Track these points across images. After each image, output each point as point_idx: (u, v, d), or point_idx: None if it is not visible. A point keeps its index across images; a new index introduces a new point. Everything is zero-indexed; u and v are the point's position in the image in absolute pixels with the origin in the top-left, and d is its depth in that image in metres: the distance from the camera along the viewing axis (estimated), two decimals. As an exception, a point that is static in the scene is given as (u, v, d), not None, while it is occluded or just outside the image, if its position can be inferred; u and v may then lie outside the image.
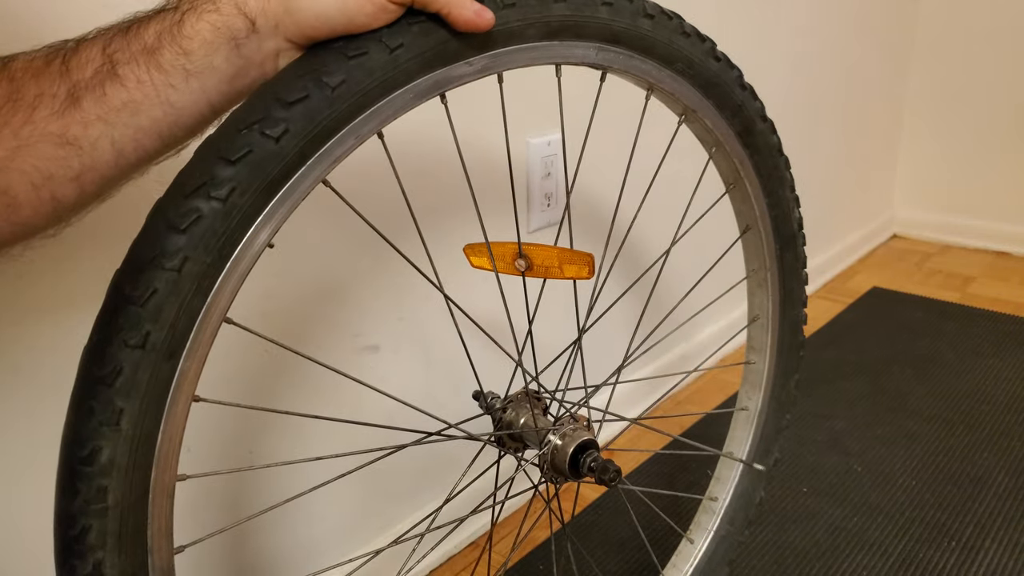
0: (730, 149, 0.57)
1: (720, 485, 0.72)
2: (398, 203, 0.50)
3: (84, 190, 0.34)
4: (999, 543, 0.87)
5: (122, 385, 0.32)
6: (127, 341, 0.32)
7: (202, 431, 0.66)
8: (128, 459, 0.33)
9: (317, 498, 0.76)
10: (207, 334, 0.34)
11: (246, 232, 0.33)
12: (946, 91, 1.83)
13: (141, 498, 0.35)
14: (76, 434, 0.33)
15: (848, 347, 1.37)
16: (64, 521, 0.34)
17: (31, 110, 0.32)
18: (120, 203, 0.40)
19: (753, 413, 0.71)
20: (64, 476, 0.33)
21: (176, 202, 0.32)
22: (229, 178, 0.32)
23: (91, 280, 0.54)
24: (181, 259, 0.32)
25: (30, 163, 0.32)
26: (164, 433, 0.35)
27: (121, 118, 0.33)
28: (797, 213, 0.65)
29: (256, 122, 0.33)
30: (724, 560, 0.73)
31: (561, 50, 0.44)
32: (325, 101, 0.34)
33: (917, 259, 1.83)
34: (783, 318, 0.68)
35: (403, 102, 0.38)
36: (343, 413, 0.76)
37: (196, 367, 0.35)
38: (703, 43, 0.52)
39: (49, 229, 0.36)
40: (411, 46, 0.37)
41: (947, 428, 1.11)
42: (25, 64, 0.33)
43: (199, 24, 0.34)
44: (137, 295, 0.32)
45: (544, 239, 0.96)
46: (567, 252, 0.53)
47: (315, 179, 0.36)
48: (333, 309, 0.75)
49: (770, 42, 1.31)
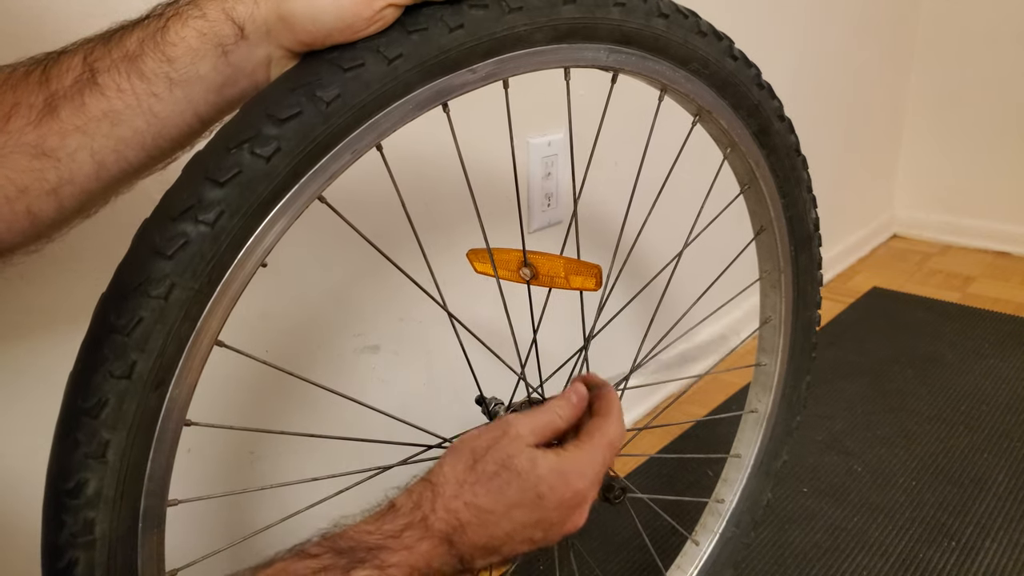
0: (746, 150, 0.54)
1: (727, 487, 0.70)
2: (399, 208, 0.48)
3: (63, 204, 0.32)
4: (999, 543, 0.86)
5: (108, 417, 0.30)
6: (112, 372, 0.29)
7: (204, 431, 0.64)
8: (115, 490, 0.31)
9: (316, 511, 0.74)
10: (197, 360, 0.32)
11: (236, 255, 0.31)
12: (946, 91, 1.80)
13: (130, 528, 0.33)
14: (61, 466, 0.31)
15: (848, 347, 1.35)
16: (51, 553, 0.32)
17: (5, 120, 0.30)
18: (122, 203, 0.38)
19: (763, 415, 0.68)
20: (50, 508, 0.31)
21: (162, 226, 0.30)
22: (217, 200, 0.29)
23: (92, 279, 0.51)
24: (168, 286, 0.29)
25: (3, 175, 0.30)
26: (154, 462, 0.32)
27: (101, 128, 0.31)
28: (814, 214, 0.62)
29: (246, 140, 0.30)
30: (729, 562, 0.71)
31: (570, 53, 0.41)
32: (319, 117, 0.31)
33: (917, 259, 1.80)
34: (796, 320, 0.65)
35: (403, 114, 0.35)
36: (345, 419, 0.74)
37: (186, 393, 0.32)
38: (720, 41, 0.48)
39: (29, 245, 0.33)
40: (411, 56, 0.34)
41: (947, 428, 1.09)
42: (4, 76, 0.31)
43: (184, 31, 0.31)
44: (122, 324, 0.29)
45: (545, 239, 0.93)
46: (574, 262, 0.51)
47: (310, 196, 0.33)
48: (334, 309, 0.73)
49: (770, 42, 1.28)
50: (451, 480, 0.37)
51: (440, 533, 0.36)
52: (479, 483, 0.37)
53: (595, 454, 0.40)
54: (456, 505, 0.36)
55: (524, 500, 0.37)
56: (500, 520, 0.37)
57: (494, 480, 0.37)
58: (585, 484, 0.39)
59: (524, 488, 0.37)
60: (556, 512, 0.38)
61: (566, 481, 0.38)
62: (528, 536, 0.38)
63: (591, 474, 0.39)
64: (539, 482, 0.37)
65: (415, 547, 0.35)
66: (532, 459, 0.38)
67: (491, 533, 0.37)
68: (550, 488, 0.37)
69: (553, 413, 0.41)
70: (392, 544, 0.35)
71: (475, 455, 0.38)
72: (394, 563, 0.34)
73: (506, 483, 0.37)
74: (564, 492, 0.38)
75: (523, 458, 0.37)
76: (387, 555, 0.34)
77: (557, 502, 0.38)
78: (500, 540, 0.37)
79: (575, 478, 0.38)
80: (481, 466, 0.37)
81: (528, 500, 0.37)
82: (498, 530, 0.37)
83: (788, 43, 1.32)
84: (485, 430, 0.39)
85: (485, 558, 0.38)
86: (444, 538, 0.36)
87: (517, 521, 0.37)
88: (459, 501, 0.37)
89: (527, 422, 0.39)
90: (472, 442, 0.38)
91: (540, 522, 0.38)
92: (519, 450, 0.38)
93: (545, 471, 0.38)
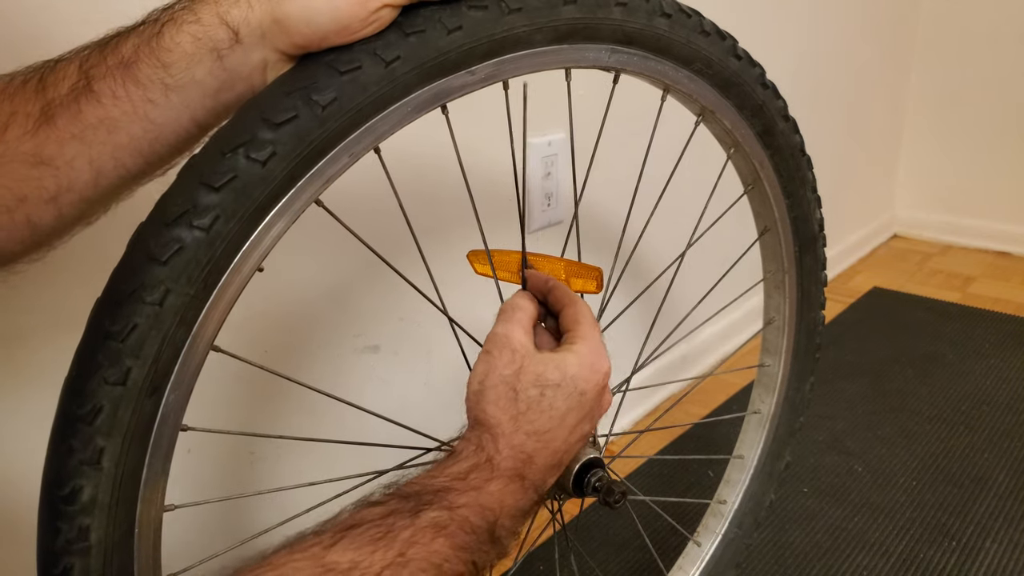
0: (750, 150, 0.54)
1: (730, 488, 0.70)
2: (398, 209, 0.47)
3: (62, 212, 0.31)
4: (1000, 543, 0.85)
5: (103, 423, 0.29)
6: (107, 379, 0.29)
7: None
8: (111, 497, 0.31)
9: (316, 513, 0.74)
10: (193, 365, 0.31)
11: (232, 260, 0.30)
12: (947, 91, 1.79)
13: (126, 534, 0.32)
14: (56, 473, 0.30)
15: (849, 347, 1.34)
16: (46, 559, 0.32)
17: (3, 130, 0.30)
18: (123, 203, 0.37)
19: (766, 416, 0.68)
20: (45, 514, 0.31)
21: (157, 231, 0.29)
22: (213, 205, 0.29)
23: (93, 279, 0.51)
24: (163, 292, 0.29)
25: (2, 184, 0.30)
26: (150, 467, 0.32)
27: (98, 136, 0.30)
28: (818, 214, 0.61)
29: (241, 145, 0.29)
30: (731, 563, 0.71)
31: (572, 54, 0.40)
32: (315, 120, 0.31)
33: (918, 259, 1.79)
34: (800, 321, 0.64)
35: (401, 116, 0.34)
36: (345, 421, 0.74)
37: (182, 398, 0.32)
38: (724, 41, 0.48)
39: (31, 253, 0.33)
40: (409, 58, 0.33)
41: (948, 428, 1.08)
42: (2, 85, 0.31)
43: (179, 36, 0.30)
44: (117, 330, 0.29)
45: (545, 239, 0.92)
46: (574, 265, 0.50)
47: (307, 200, 0.32)
48: (333, 309, 0.72)
49: (771, 43, 1.27)
50: (504, 419, 0.38)
51: (509, 471, 0.37)
52: (531, 410, 0.38)
53: (594, 333, 0.42)
54: (519, 440, 0.37)
55: (572, 404, 0.39)
56: (559, 432, 0.39)
57: (542, 402, 0.38)
58: (606, 361, 0.41)
59: (569, 394, 0.39)
60: (596, 399, 0.41)
61: (593, 367, 0.40)
62: (581, 433, 0.41)
63: (602, 350, 0.42)
64: (576, 381, 0.39)
65: (484, 487, 0.36)
66: (559, 365, 0.39)
67: (555, 448, 0.39)
68: (585, 381, 0.40)
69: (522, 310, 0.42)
70: (459, 486, 0.35)
71: (512, 386, 0.38)
72: (463, 504, 0.35)
73: (553, 399, 0.38)
74: (597, 378, 0.40)
75: (551, 368, 0.39)
76: (455, 496, 0.35)
77: (595, 390, 0.40)
78: (563, 451, 0.39)
79: (598, 360, 0.41)
80: (524, 395, 0.38)
81: (575, 402, 0.39)
82: (560, 443, 0.39)
83: (788, 43, 1.31)
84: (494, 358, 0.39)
85: (554, 474, 0.40)
86: (515, 474, 0.37)
87: (571, 425, 0.39)
88: (520, 434, 0.37)
89: (518, 330, 0.40)
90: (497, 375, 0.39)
91: (588, 414, 0.40)
92: (542, 363, 0.39)
93: (575, 368, 0.39)
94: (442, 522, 0.33)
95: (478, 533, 0.35)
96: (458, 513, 0.34)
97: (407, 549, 0.32)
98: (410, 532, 0.32)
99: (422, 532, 0.33)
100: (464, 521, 0.34)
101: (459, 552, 0.34)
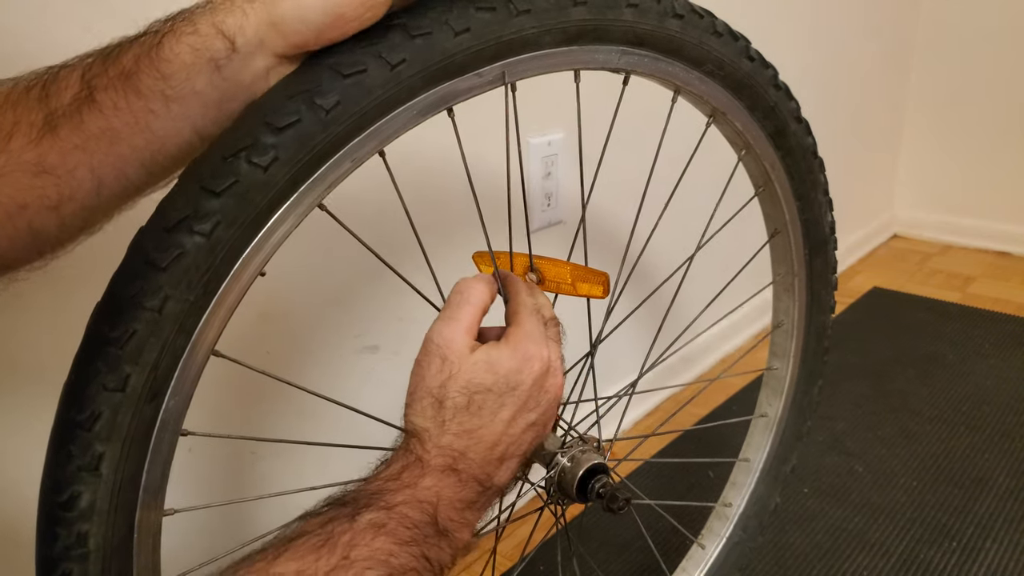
0: (761, 152, 0.53)
1: (735, 491, 0.69)
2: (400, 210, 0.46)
3: (64, 221, 0.31)
4: (1000, 544, 0.84)
5: (101, 429, 0.29)
6: (106, 385, 0.28)
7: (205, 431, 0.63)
8: (109, 503, 0.30)
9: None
10: (193, 371, 0.31)
11: (233, 265, 0.29)
12: (947, 91, 1.77)
13: (125, 539, 0.31)
14: (54, 479, 0.30)
15: (849, 348, 1.33)
16: (45, 565, 0.31)
17: (7, 140, 0.29)
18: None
19: (773, 419, 0.67)
20: (44, 520, 0.30)
21: (157, 236, 0.28)
22: (213, 211, 0.28)
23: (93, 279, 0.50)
24: (162, 298, 0.28)
25: (4, 193, 0.29)
26: (149, 473, 0.31)
27: (100, 146, 0.29)
28: (830, 217, 0.60)
29: (243, 149, 0.28)
30: (736, 566, 0.70)
31: (581, 55, 0.39)
32: (319, 124, 0.30)
33: (918, 259, 1.77)
34: (809, 324, 0.63)
35: (406, 120, 0.33)
36: (345, 422, 0.73)
37: (182, 404, 0.31)
38: (736, 42, 0.46)
39: (33, 261, 0.32)
40: (415, 60, 0.32)
41: (948, 428, 1.07)
42: (5, 92, 0.30)
43: (178, 46, 0.30)
44: (116, 336, 0.28)
45: (544, 239, 0.91)
46: (581, 269, 0.49)
47: (309, 205, 0.31)
48: (334, 310, 0.72)
49: (771, 43, 1.25)
50: (430, 426, 0.37)
51: (441, 466, 0.36)
52: (458, 415, 0.37)
53: (530, 324, 0.40)
54: (446, 440, 0.37)
55: (504, 401, 0.38)
56: (493, 427, 0.38)
57: (470, 406, 0.37)
58: (542, 349, 0.39)
59: (501, 393, 0.38)
60: (533, 388, 0.39)
61: (526, 358, 0.38)
62: (524, 422, 0.39)
63: (538, 336, 0.40)
64: (508, 377, 0.38)
65: (417, 483, 0.36)
66: (489, 366, 0.38)
67: (490, 442, 0.38)
68: (518, 373, 0.38)
69: (469, 304, 0.40)
70: (393, 486, 0.35)
71: (436, 397, 0.37)
72: (399, 501, 0.35)
73: (482, 402, 0.37)
74: (530, 367, 0.39)
75: (482, 371, 0.37)
76: (390, 496, 0.35)
77: (530, 380, 0.39)
78: (503, 444, 0.38)
79: (531, 349, 0.39)
80: (450, 403, 0.37)
81: (508, 400, 0.38)
82: (495, 437, 0.38)
83: (788, 43, 1.30)
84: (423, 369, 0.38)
85: (500, 467, 0.38)
86: (447, 468, 0.37)
87: (506, 419, 0.38)
88: (448, 435, 0.37)
89: (457, 332, 0.38)
90: (424, 388, 0.38)
91: (525, 404, 0.39)
92: (473, 367, 0.37)
93: (508, 363, 0.38)
94: (380, 521, 0.34)
95: (420, 527, 0.35)
96: (396, 511, 0.34)
97: (349, 552, 0.32)
98: (350, 535, 0.33)
99: (362, 534, 0.33)
100: (403, 517, 0.34)
101: (405, 547, 0.34)
